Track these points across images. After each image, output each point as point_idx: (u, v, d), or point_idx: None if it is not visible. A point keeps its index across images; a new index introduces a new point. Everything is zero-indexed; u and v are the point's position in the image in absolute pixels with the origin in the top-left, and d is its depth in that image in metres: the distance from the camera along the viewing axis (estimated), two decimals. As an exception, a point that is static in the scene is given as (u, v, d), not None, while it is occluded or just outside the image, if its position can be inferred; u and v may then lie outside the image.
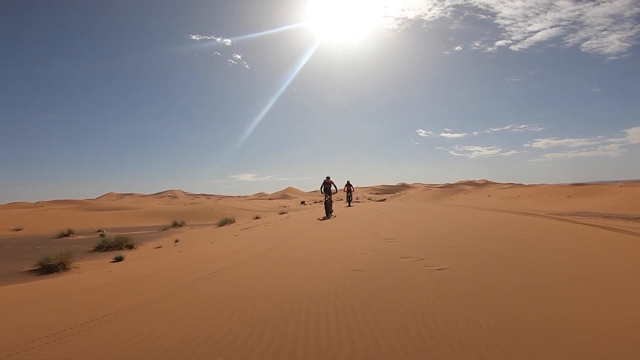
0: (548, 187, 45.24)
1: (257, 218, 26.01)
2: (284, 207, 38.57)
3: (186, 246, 11.73)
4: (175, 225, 23.46)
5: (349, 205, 20.81)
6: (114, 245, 13.44)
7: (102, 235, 19.17)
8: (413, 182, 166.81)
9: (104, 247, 13.43)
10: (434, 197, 60.78)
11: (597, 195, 30.16)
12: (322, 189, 14.44)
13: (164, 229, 21.26)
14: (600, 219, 13.68)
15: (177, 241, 13.98)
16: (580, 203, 26.82)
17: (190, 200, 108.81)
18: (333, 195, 14.35)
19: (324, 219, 12.32)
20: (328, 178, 14.50)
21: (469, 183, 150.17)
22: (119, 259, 10.63)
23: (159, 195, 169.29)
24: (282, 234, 9.06)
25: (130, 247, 13.63)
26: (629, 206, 20.70)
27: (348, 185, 21.35)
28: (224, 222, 18.69)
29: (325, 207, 13.67)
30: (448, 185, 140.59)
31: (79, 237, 19.62)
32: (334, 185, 14.56)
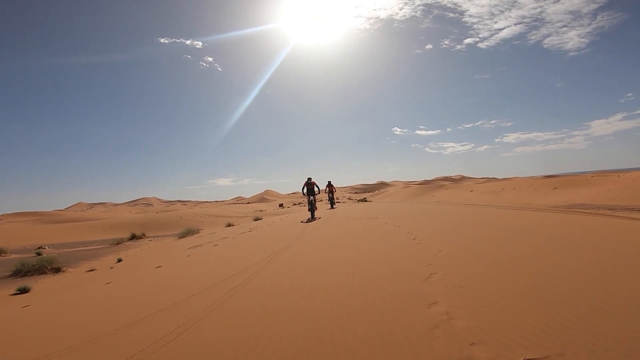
0: (525, 180, 44.69)
1: (229, 225, 23.36)
2: (261, 211, 35.86)
3: (124, 271, 9.04)
4: (133, 237, 20.44)
5: (332, 207, 18.75)
6: (35, 269, 10.54)
7: (38, 254, 16.00)
8: (391, 180, 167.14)
9: (21, 271, 10.50)
10: (416, 195, 59.55)
11: (583, 186, 29.28)
12: (304, 190, 14.00)
13: (117, 243, 18.22)
14: (607, 210, 12.10)
15: (119, 261, 11.20)
16: (571, 195, 25.67)
17: (165, 208, 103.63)
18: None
19: (309, 221, 11.57)
20: (310, 179, 14.12)
21: (446, 179, 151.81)
22: (23, 291, 7.87)
23: (133, 203, 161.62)
24: (252, 254, 6.68)
25: (57, 270, 10.75)
26: (627, 196, 19.48)
27: (329, 186, 19.32)
28: (186, 234, 15.95)
29: (309, 209, 13.33)
30: (426, 182, 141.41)
31: (12, 256, 16.32)
32: (317, 186, 14.18)
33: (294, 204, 58.67)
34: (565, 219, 6.47)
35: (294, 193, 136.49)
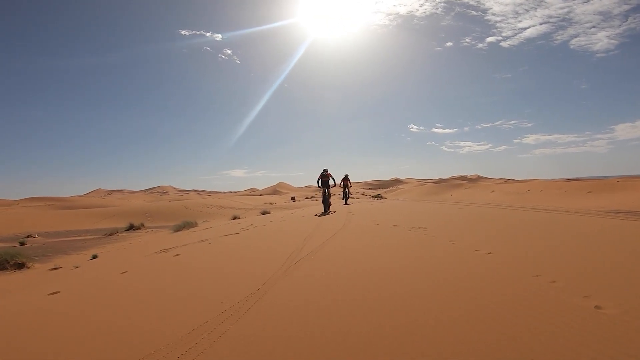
0: (548, 182, 41.59)
1: (235, 218, 21.58)
2: (270, 204, 34.02)
3: (85, 274, 7.14)
4: (130, 228, 18.84)
5: (346, 203, 16.81)
6: (-4, 264, 8.85)
7: (21, 244, 14.49)
8: (405, 177, 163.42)
9: (-21, 266, 8.82)
10: (432, 193, 56.81)
11: (618, 191, 26.25)
12: (319, 182, 13.42)
13: (111, 234, 16.59)
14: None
15: (94, 257, 9.39)
16: (607, 200, 22.74)
17: (178, 197, 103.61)
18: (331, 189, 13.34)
19: (322, 214, 11.07)
20: (326, 171, 13.50)
21: (462, 178, 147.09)
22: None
23: (149, 191, 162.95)
24: (250, 267, 4.68)
25: (21, 266, 9.04)
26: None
27: (345, 179, 17.28)
28: (182, 227, 14.10)
29: (323, 202, 12.92)
30: (441, 180, 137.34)
31: (-2, 244, 14.89)
32: (332, 179, 13.54)
33: (306, 198, 56.68)
34: None
35: (307, 186, 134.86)
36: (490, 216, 7.23)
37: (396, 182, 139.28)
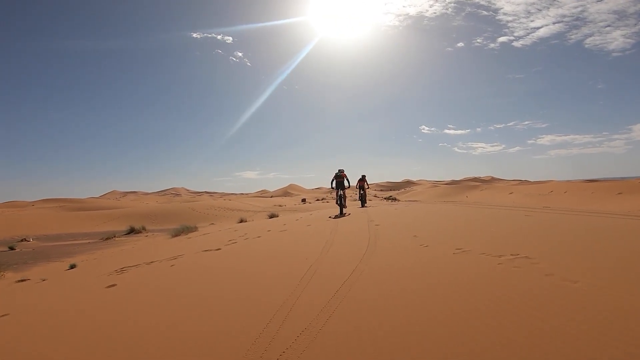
0: (570, 184, 39.07)
1: (241, 222, 20.32)
2: (280, 206, 32.68)
3: (51, 287, 5.84)
4: (131, 231, 17.72)
5: (363, 206, 15.06)
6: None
7: (11, 249, 13.44)
8: (417, 179, 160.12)
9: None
10: (447, 195, 54.69)
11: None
12: (334, 183, 12.33)
13: (107, 238, 15.45)
14: None
15: (72, 267, 8.11)
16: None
17: (190, 198, 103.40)
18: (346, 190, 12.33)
19: (337, 217, 10.44)
20: (341, 171, 12.44)
21: (475, 179, 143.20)
22: None
23: (162, 193, 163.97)
24: (247, 289, 3.22)
25: (-11, 277, 7.85)
26: None
27: (362, 180, 15.67)
28: (181, 231, 12.79)
29: (338, 204, 12.10)
30: (454, 182, 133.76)
31: (-11, 249, 13.88)
32: (347, 180, 12.42)
33: (317, 200, 55.22)
34: None
35: (318, 188, 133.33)
36: (548, 223, 5.61)
37: (408, 183, 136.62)
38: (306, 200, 52.98)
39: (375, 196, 60.32)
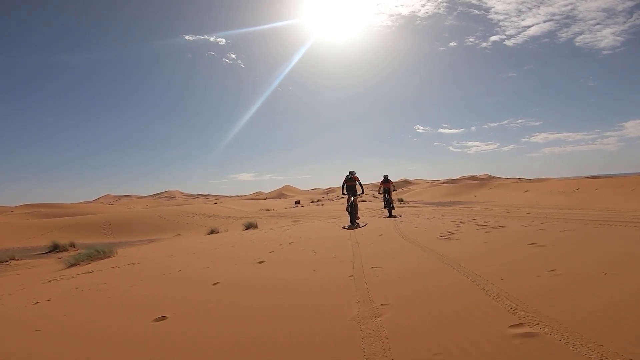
0: (583, 181, 34.64)
1: (212, 233, 15.55)
2: (267, 210, 27.73)
3: None
4: (54, 249, 12.75)
5: (390, 215, 10.90)
6: None
7: None
8: (414, 178, 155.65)
9: None
10: (450, 194, 49.91)
11: None
12: (344, 188, 9.84)
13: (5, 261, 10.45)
14: None
15: None
16: None
17: (183, 201, 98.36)
18: (358, 197, 9.69)
19: (349, 228, 8.25)
20: (352, 174, 9.94)
21: (472, 178, 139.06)
22: None
23: (156, 196, 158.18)
24: None
25: None
26: None
27: (386, 182, 11.72)
28: (81, 259, 7.79)
29: (349, 212, 9.29)
30: (451, 181, 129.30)
31: None
32: (360, 185, 9.97)
33: (312, 202, 50.25)
34: None
35: (314, 189, 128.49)
36: None
37: (405, 183, 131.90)
38: (300, 202, 47.98)
39: (374, 197, 55.42)
